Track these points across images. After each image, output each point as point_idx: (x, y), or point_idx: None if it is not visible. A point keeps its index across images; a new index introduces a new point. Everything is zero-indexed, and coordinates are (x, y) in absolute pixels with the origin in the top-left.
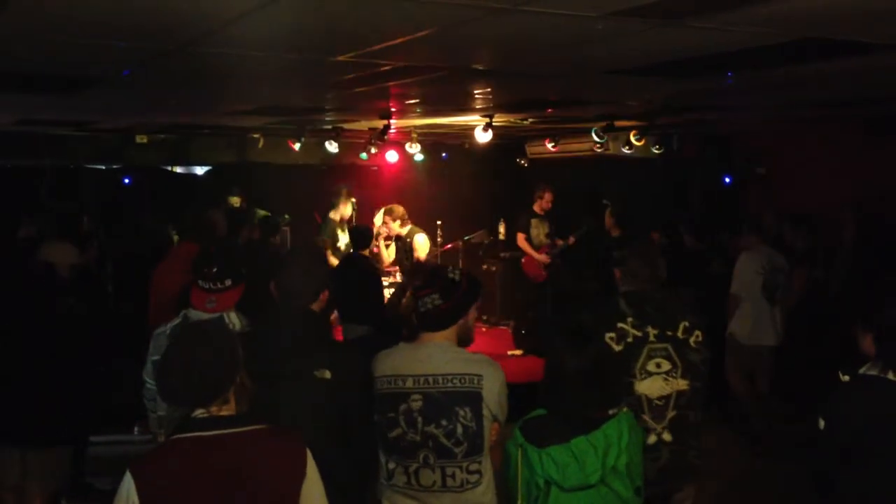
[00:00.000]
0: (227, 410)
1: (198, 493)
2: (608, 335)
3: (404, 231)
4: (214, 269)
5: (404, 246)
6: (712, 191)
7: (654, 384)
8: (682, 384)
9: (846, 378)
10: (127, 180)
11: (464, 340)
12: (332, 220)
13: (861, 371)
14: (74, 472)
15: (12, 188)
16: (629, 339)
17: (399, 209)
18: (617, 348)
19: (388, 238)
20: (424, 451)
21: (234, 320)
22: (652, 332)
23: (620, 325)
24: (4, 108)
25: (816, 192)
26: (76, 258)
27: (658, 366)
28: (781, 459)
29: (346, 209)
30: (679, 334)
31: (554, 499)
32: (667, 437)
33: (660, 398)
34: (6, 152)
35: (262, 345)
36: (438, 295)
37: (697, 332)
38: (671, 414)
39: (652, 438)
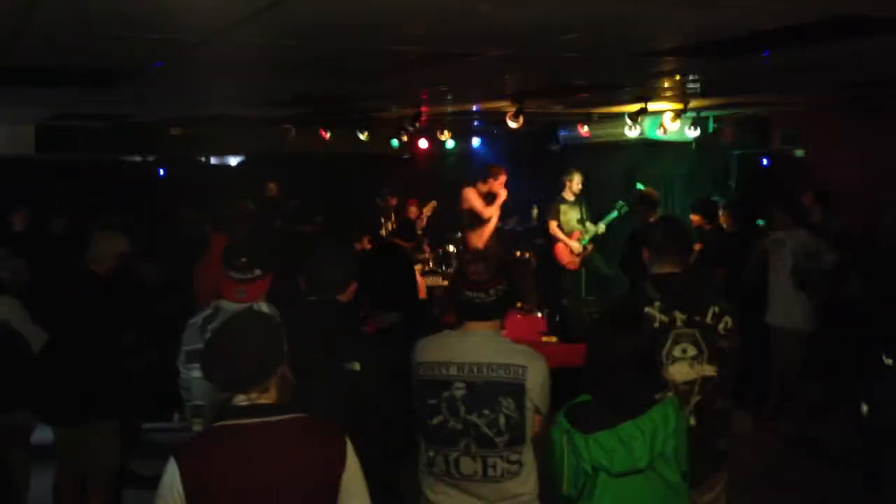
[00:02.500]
0: (266, 399)
1: (240, 480)
2: None
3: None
4: (243, 260)
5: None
6: (750, 173)
7: (680, 369)
8: (709, 370)
9: (889, 362)
10: (162, 172)
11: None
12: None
13: None
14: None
15: (50, 182)
16: (655, 324)
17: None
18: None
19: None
20: (466, 440)
21: (264, 310)
22: (679, 316)
23: (647, 309)
24: (41, 103)
25: (856, 173)
26: (125, 248)
27: (684, 351)
28: (815, 447)
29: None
30: (708, 320)
31: (602, 484)
32: (692, 421)
33: (685, 383)
34: (44, 146)
35: (290, 337)
36: (507, 283)
37: (727, 319)
38: (696, 399)
39: None
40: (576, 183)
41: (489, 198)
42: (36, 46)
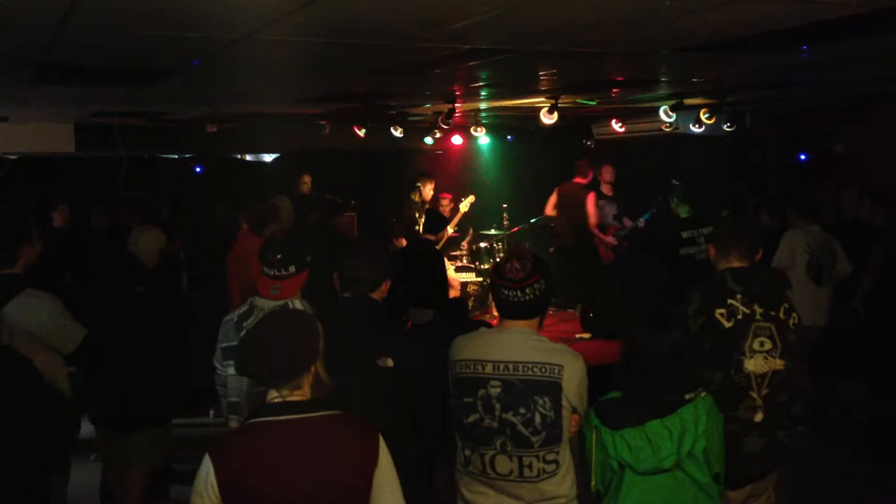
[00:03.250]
0: (299, 395)
1: (273, 476)
2: (718, 311)
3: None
4: (279, 256)
5: None
6: (787, 168)
7: (758, 362)
8: (779, 364)
9: None
10: (198, 169)
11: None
12: (414, 203)
13: None
14: None
15: (89, 179)
16: (739, 317)
17: None
18: (727, 325)
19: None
20: (501, 439)
21: (298, 307)
22: (758, 310)
23: (731, 301)
24: (80, 101)
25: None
26: (164, 244)
27: (762, 344)
28: (859, 445)
29: (427, 192)
30: (781, 315)
31: (628, 481)
32: (759, 417)
33: (759, 375)
34: (82, 144)
35: (324, 333)
36: (545, 281)
37: (794, 314)
38: (765, 392)
39: (759, 416)
40: (608, 173)
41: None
42: (75, 46)
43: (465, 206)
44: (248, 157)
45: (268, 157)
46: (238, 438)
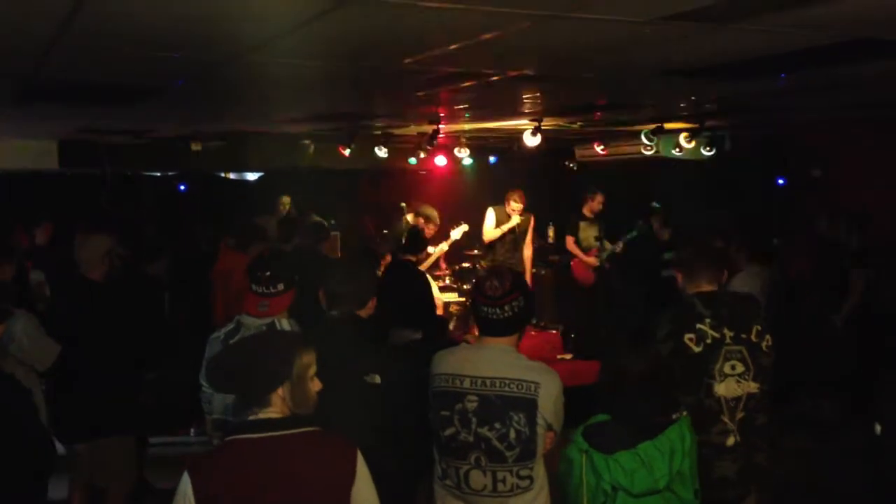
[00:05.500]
0: (275, 413)
1: (250, 493)
2: (687, 336)
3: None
4: (267, 274)
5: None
6: (766, 193)
7: (729, 386)
8: (753, 387)
9: None
10: (182, 187)
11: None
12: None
13: None
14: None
15: (74, 196)
16: (708, 341)
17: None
18: (696, 349)
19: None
20: (476, 453)
21: (285, 326)
22: (728, 333)
23: (699, 325)
24: (67, 118)
25: (873, 193)
26: (110, 246)
27: (733, 368)
28: (837, 464)
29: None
30: (752, 337)
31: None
32: (733, 440)
33: (732, 399)
34: (66, 161)
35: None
36: (524, 299)
37: (768, 336)
38: (740, 415)
39: (731, 440)
40: (597, 202)
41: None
42: (63, 64)
43: (457, 234)
44: (232, 176)
45: (251, 176)
46: (215, 456)
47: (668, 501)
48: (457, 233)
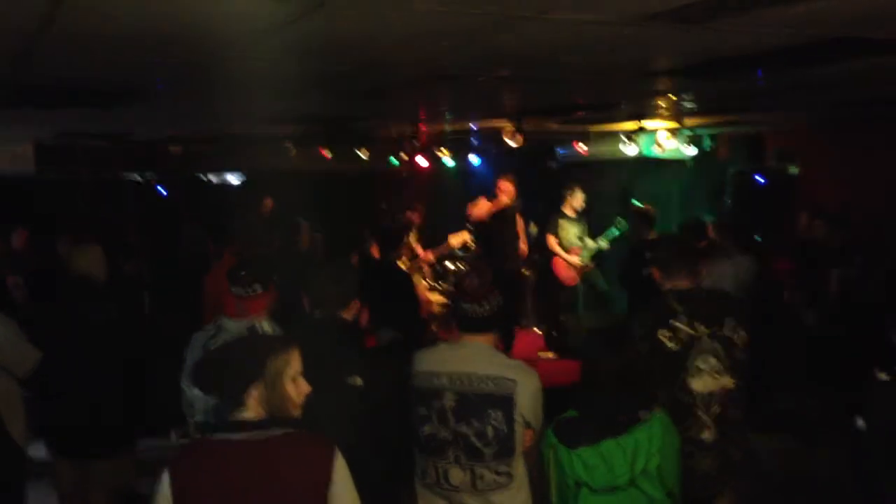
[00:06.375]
0: (250, 414)
1: (227, 493)
2: (662, 333)
3: None
4: (243, 273)
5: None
6: (745, 191)
7: (704, 381)
8: (729, 382)
9: (884, 377)
10: (163, 191)
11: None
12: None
13: None
14: None
15: (52, 200)
16: (682, 337)
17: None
18: (671, 346)
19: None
20: (454, 450)
21: (265, 328)
22: (702, 329)
23: (674, 322)
24: (43, 122)
25: (851, 191)
26: (102, 256)
27: (707, 362)
28: (820, 462)
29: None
30: (726, 332)
31: (583, 499)
32: (711, 435)
33: (707, 394)
34: (43, 164)
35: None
36: (503, 296)
37: (743, 332)
38: (715, 410)
39: (707, 434)
40: (577, 199)
41: None
42: (41, 67)
43: (456, 241)
44: (213, 179)
45: (234, 179)
46: (192, 453)
47: (635, 500)
48: (456, 240)
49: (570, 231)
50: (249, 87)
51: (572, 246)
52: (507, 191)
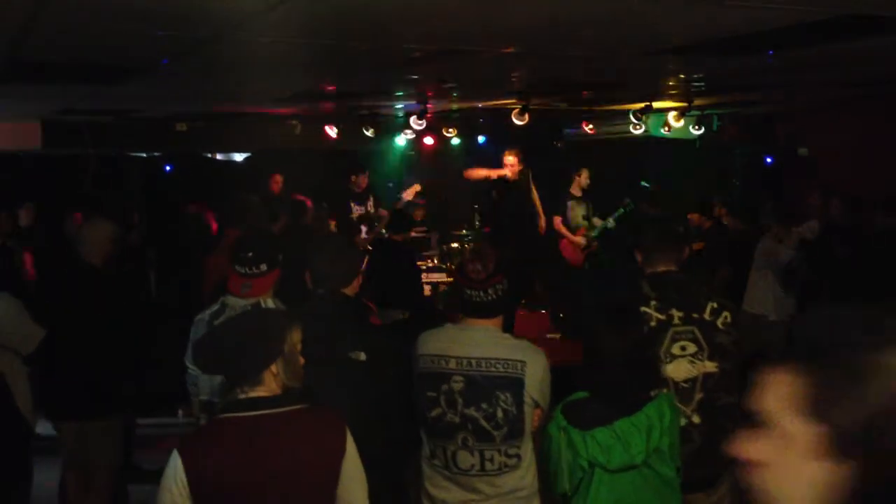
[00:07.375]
0: (264, 391)
1: (241, 472)
2: None
3: None
4: (250, 254)
5: None
6: (754, 171)
7: (680, 367)
8: (710, 366)
9: None
10: (168, 168)
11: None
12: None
13: None
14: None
15: (57, 177)
16: (652, 323)
17: None
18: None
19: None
20: (463, 434)
21: (270, 305)
22: (676, 314)
23: (644, 308)
24: (49, 98)
25: (860, 172)
26: (114, 233)
27: (683, 349)
28: None
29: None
30: (706, 316)
31: (598, 480)
32: (696, 419)
33: (686, 381)
34: (50, 141)
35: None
36: (505, 282)
37: (726, 314)
38: (698, 396)
39: (682, 421)
40: (584, 178)
41: None
42: (45, 42)
43: (409, 195)
44: (219, 156)
45: (238, 157)
46: (205, 434)
47: (647, 478)
48: (409, 194)
49: (577, 211)
50: (254, 63)
51: (579, 226)
52: (510, 164)
